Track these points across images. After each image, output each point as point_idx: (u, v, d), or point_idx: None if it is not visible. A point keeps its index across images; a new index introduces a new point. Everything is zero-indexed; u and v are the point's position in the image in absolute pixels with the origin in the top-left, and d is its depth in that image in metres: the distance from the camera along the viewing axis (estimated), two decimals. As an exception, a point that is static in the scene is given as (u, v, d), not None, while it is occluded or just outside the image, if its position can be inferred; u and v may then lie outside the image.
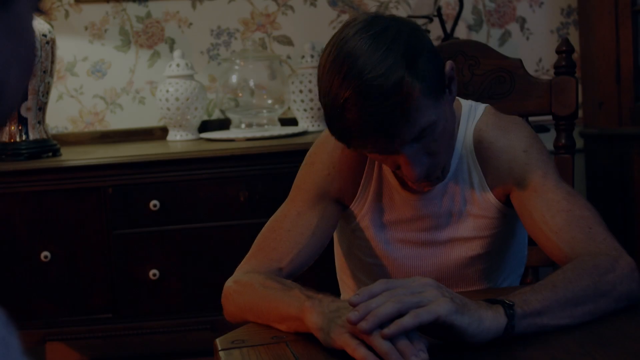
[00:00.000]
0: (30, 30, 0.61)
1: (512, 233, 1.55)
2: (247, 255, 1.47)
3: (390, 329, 1.05)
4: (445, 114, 1.33)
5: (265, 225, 1.50)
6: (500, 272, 1.58)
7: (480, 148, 1.46)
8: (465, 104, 1.50)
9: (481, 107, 1.51)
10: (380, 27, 1.26)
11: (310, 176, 1.50)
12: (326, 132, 1.52)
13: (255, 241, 1.49)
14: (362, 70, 1.21)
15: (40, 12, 0.63)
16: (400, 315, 1.07)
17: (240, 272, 1.42)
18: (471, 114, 1.48)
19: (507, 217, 1.50)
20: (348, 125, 1.24)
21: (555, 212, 1.36)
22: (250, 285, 1.34)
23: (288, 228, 1.46)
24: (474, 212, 1.48)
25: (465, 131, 1.47)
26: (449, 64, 1.35)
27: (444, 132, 1.33)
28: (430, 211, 1.48)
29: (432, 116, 1.28)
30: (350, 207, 1.52)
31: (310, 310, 1.16)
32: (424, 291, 1.09)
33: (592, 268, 1.22)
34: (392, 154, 1.31)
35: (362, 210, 1.51)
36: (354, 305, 1.09)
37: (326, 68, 1.26)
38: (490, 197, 1.47)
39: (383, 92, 1.21)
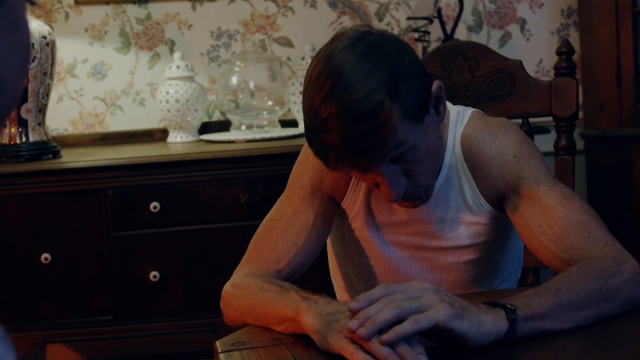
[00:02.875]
0: (24, 23, 0.61)
1: (506, 238, 1.54)
2: (244, 258, 1.46)
3: (389, 336, 1.05)
4: (427, 135, 1.32)
5: (261, 225, 1.49)
6: (496, 277, 1.57)
7: (470, 155, 1.44)
8: (453, 110, 1.49)
9: (468, 111, 1.49)
10: (368, 46, 1.25)
11: (304, 173, 1.50)
12: None
13: (252, 242, 1.47)
14: (343, 91, 1.22)
15: (31, 2, 0.63)
16: (399, 320, 1.06)
17: (238, 276, 1.41)
18: (459, 119, 1.47)
19: (501, 223, 1.48)
20: (326, 146, 1.25)
21: (552, 220, 1.34)
22: (248, 288, 1.33)
23: (284, 228, 1.45)
24: (466, 219, 1.47)
25: (454, 138, 1.45)
26: (436, 84, 1.34)
27: (425, 154, 1.33)
28: (422, 216, 1.47)
29: (412, 140, 1.28)
30: (342, 205, 1.51)
31: (305, 312, 1.16)
32: (423, 296, 1.09)
33: (598, 272, 1.21)
34: (370, 173, 1.31)
35: (353, 209, 1.50)
36: (353, 312, 1.09)
37: (310, 82, 1.27)
38: (483, 203, 1.45)
39: (362, 116, 1.21)
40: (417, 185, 1.35)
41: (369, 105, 1.21)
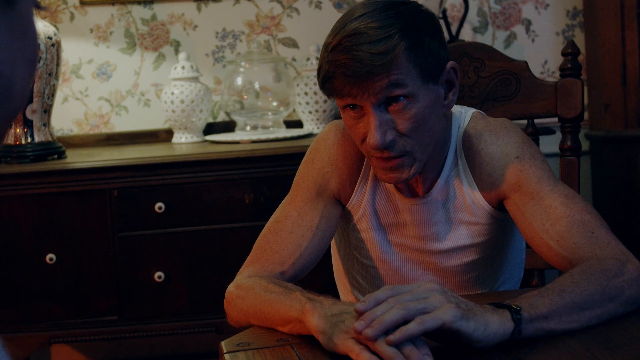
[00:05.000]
0: (32, 28, 0.61)
1: (507, 238, 1.54)
2: (248, 259, 1.46)
3: (395, 336, 1.05)
4: (428, 103, 1.33)
5: (266, 225, 1.49)
6: (497, 277, 1.57)
7: (471, 155, 1.44)
8: (456, 111, 1.49)
9: (470, 112, 1.49)
10: (397, 1, 1.33)
11: (310, 173, 1.50)
12: (326, 128, 1.52)
13: (256, 243, 1.47)
14: (361, 22, 1.29)
15: (40, 7, 0.64)
16: (405, 321, 1.06)
17: (242, 277, 1.41)
18: (461, 119, 1.48)
19: (501, 223, 1.48)
20: (334, 65, 1.29)
21: (555, 219, 1.34)
22: (252, 289, 1.33)
23: (289, 230, 1.45)
24: (466, 219, 1.47)
25: (456, 137, 1.46)
26: (451, 63, 1.37)
27: (421, 122, 1.33)
28: (425, 218, 1.47)
29: (410, 89, 1.30)
30: (347, 206, 1.51)
31: (311, 313, 1.16)
32: (429, 297, 1.09)
33: (600, 272, 1.21)
34: (364, 110, 1.32)
35: (358, 211, 1.50)
36: (359, 312, 1.09)
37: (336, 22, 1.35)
38: (483, 204, 1.45)
39: (373, 40, 1.28)
40: (405, 149, 1.34)
41: (381, 34, 1.28)
